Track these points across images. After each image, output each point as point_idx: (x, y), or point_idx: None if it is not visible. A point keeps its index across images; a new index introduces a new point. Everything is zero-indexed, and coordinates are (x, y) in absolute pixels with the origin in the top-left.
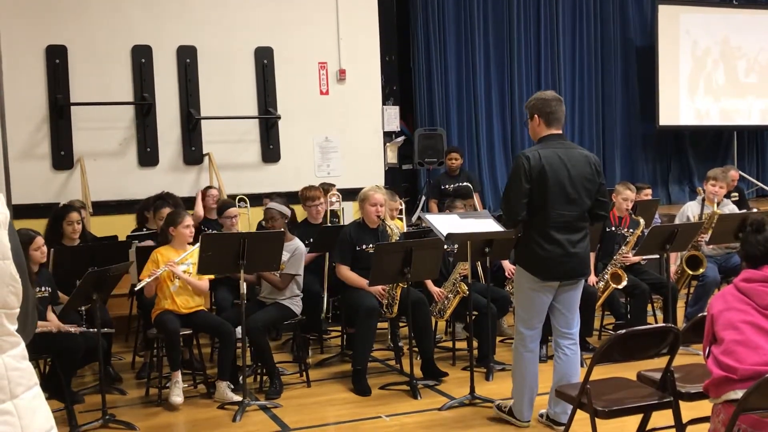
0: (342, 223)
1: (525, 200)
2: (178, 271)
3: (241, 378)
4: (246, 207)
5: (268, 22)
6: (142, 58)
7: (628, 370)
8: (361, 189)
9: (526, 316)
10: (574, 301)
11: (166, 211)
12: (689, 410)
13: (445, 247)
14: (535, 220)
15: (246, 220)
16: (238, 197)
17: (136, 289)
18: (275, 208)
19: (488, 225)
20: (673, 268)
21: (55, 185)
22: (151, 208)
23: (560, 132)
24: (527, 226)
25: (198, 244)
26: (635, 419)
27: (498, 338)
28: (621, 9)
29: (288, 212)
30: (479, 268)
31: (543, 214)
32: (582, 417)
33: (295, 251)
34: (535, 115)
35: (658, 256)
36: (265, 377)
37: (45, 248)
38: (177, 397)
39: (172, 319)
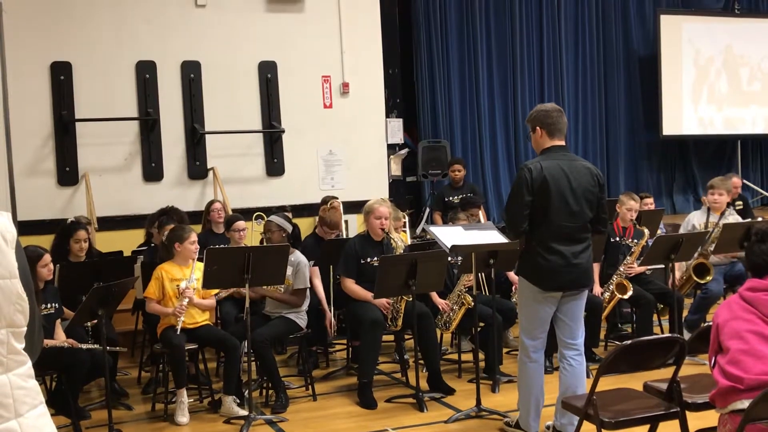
0: (346, 236)
1: (527, 211)
2: (199, 301)
3: (246, 392)
4: (263, 222)
5: (271, 36)
6: (146, 74)
7: (634, 381)
8: (365, 202)
9: (530, 326)
10: (578, 311)
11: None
12: (696, 420)
13: (450, 259)
14: (537, 231)
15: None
16: (255, 214)
17: (178, 333)
18: (274, 221)
19: (492, 237)
20: (678, 274)
21: (61, 201)
22: (155, 223)
23: (563, 143)
24: (529, 236)
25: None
26: (642, 430)
27: (504, 350)
28: (623, 19)
29: (289, 227)
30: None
31: (545, 225)
32: (589, 429)
33: (298, 265)
34: (537, 127)
35: (663, 266)
36: (270, 391)
37: (52, 265)
38: (182, 417)
39: (177, 335)
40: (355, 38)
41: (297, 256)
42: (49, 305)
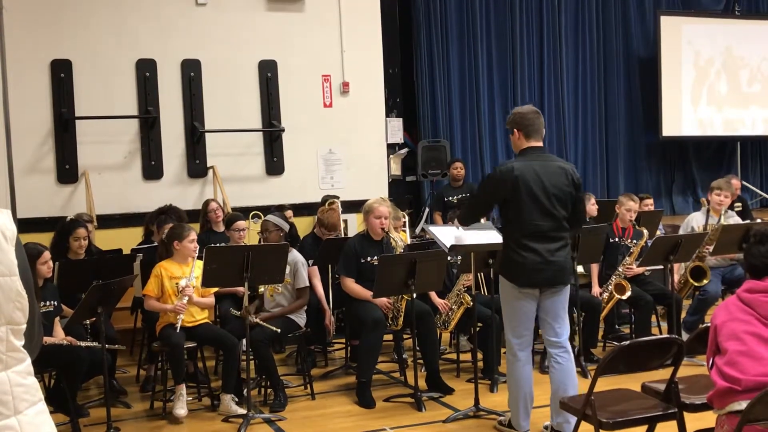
0: (345, 235)
1: (487, 210)
2: (198, 299)
3: (245, 391)
4: (260, 221)
5: (271, 35)
6: (146, 72)
7: (632, 382)
8: (365, 201)
9: (512, 323)
10: (558, 309)
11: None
12: (694, 421)
13: (449, 258)
14: (511, 229)
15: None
16: (252, 212)
17: (177, 331)
18: (271, 220)
19: (491, 236)
20: (676, 277)
21: (60, 199)
22: (154, 221)
23: (540, 144)
24: (505, 235)
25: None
26: (640, 430)
27: (502, 350)
28: (623, 20)
29: (286, 226)
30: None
31: (518, 224)
32: (587, 429)
33: (296, 264)
34: (515, 130)
35: (662, 267)
36: (269, 390)
37: (51, 262)
38: (181, 409)
39: (176, 333)
40: (356, 37)
41: (294, 255)
42: (48, 303)
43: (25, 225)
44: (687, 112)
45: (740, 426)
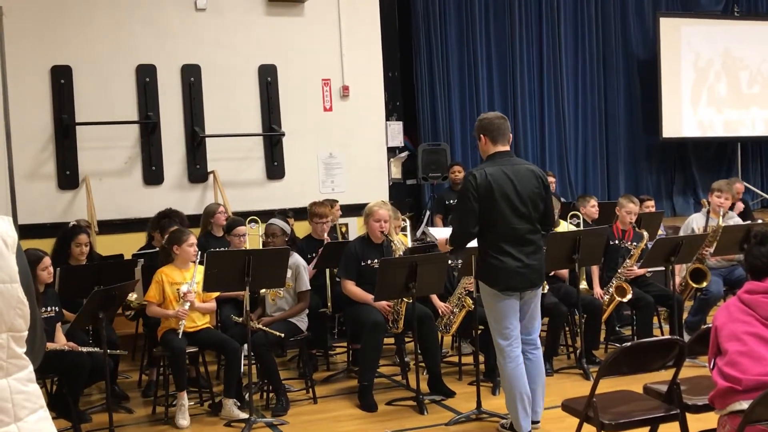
0: (345, 239)
1: (475, 219)
2: (200, 305)
3: (247, 395)
4: (257, 226)
5: (271, 39)
6: (146, 77)
7: (634, 383)
8: (365, 204)
9: (499, 326)
10: (533, 310)
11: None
12: (696, 422)
13: (450, 261)
14: (488, 235)
15: (258, 240)
16: (249, 218)
17: (179, 337)
18: (277, 224)
19: None
20: (677, 279)
21: (61, 205)
22: (157, 227)
23: (507, 149)
24: (481, 241)
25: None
26: None
27: None
28: (622, 22)
29: (288, 229)
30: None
31: (494, 229)
32: (588, 431)
33: (297, 268)
34: (482, 135)
35: (663, 269)
36: (271, 394)
37: (51, 268)
38: (183, 420)
39: (177, 338)
40: (355, 41)
41: (296, 258)
42: (49, 308)
43: (25, 231)
44: (687, 113)
45: (742, 426)
